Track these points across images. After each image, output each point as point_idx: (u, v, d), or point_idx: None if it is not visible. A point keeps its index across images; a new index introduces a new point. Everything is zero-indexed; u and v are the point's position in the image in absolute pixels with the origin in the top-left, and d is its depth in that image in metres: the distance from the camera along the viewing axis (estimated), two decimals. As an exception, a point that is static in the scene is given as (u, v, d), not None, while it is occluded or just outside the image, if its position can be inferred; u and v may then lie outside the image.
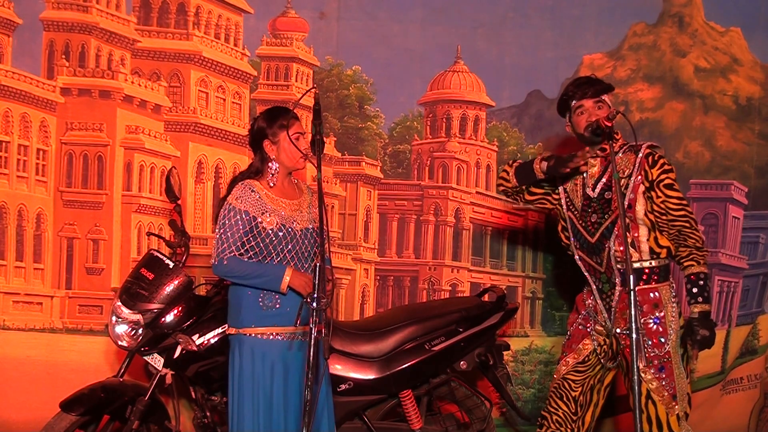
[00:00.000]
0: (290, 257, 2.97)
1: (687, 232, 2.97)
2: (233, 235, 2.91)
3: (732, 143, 4.66)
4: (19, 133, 4.13)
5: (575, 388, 3.13)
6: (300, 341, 2.97)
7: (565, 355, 3.18)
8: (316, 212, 3.03)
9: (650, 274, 3.00)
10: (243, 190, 2.96)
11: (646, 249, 3.00)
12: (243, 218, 2.92)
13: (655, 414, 2.95)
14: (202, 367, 3.24)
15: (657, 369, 2.94)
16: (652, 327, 2.97)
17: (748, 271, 4.70)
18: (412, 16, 4.39)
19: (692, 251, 2.97)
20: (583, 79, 3.10)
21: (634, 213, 2.99)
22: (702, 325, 2.90)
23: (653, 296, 3.00)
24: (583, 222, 3.10)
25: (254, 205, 2.95)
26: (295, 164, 3.02)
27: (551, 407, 3.16)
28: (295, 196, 3.05)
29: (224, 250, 2.91)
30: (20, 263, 4.11)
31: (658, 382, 2.95)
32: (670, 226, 2.98)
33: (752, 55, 4.67)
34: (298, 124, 2.99)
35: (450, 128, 4.55)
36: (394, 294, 4.47)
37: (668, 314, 2.99)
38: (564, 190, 3.20)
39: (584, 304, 3.18)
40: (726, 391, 4.62)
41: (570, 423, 3.13)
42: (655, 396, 2.95)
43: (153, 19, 4.30)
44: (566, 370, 3.15)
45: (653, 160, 3.00)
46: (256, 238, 2.93)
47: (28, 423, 3.89)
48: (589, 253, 3.08)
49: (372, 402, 3.48)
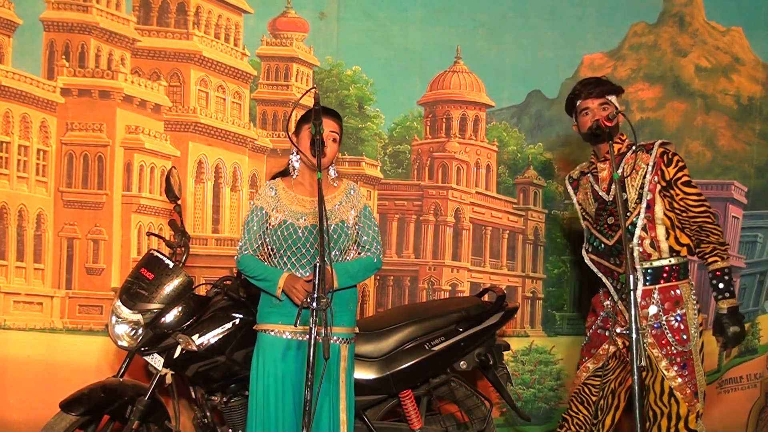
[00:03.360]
0: (291, 253, 2.98)
1: (709, 228, 2.98)
2: (250, 230, 3.06)
3: (733, 143, 4.65)
4: (19, 133, 4.13)
5: (595, 393, 3.13)
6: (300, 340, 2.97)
7: (585, 360, 3.18)
8: (346, 210, 3.06)
9: (670, 272, 3.01)
10: (264, 188, 3.12)
11: (665, 248, 3.01)
12: (258, 214, 3.05)
13: (676, 411, 2.96)
14: (202, 367, 3.25)
15: (680, 366, 2.95)
16: (674, 324, 2.98)
17: (746, 270, 4.70)
18: (412, 16, 4.39)
19: (716, 247, 2.98)
20: (592, 79, 3.10)
21: (653, 213, 3.00)
22: (732, 321, 2.92)
23: (674, 294, 3.00)
24: (597, 226, 3.10)
25: (269, 201, 3.06)
26: (309, 157, 3.00)
27: (572, 411, 3.17)
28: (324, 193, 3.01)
29: (242, 247, 3.07)
30: (21, 263, 4.11)
31: (681, 379, 2.96)
32: (691, 222, 2.99)
33: (754, 55, 4.67)
34: (326, 122, 2.97)
35: (450, 128, 4.54)
36: (394, 294, 4.47)
37: (689, 311, 2.99)
38: (578, 203, 3.22)
39: (602, 305, 3.18)
40: (723, 389, 4.62)
41: (589, 426, 3.14)
42: (678, 393, 2.95)
43: (153, 19, 4.30)
44: (586, 375, 3.15)
45: (668, 159, 3.01)
46: (267, 234, 3.04)
47: (28, 423, 3.89)
48: (606, 256, 3.08)
49: (372, 402, 3.48)
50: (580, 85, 3.10)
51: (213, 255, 4.26)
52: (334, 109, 3.35)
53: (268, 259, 3.06)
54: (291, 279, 2.94)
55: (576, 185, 3.25)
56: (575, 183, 3.25)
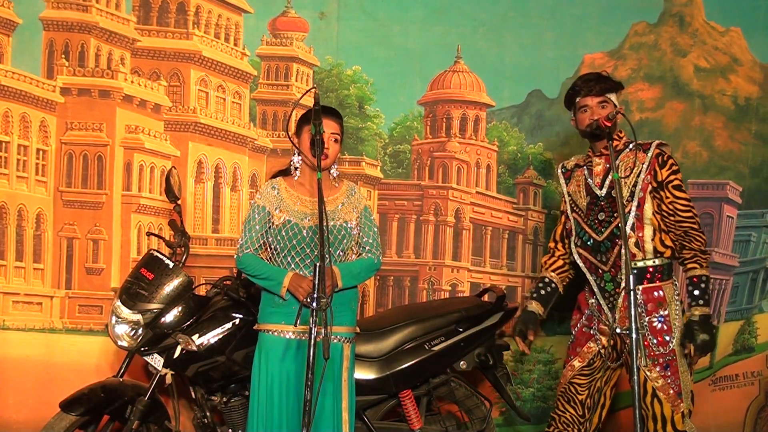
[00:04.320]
0: (294, 253, 2.98)
1: (693, 234, 2.97)
2: (251, 230, 3.02)
3: (729, 143, 4.66)
4: (18, 133, 4.12)
5: (581, 392, 3.14)
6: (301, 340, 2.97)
7: (571, 358, 3.18)
8: (348, 211, 3.06)
9: (654, 273, 3.01)
10: (266, 186, 3.09)
11: (650, 248, 3.01)
12: (260, 213, 3.02)
13: (660, 412, 2.96)
14: (202, 367, 3.25)
15: (662, 367, 2.95)
16: (656, 325, 2.98)
17: (739, 268, 4.72)
18: (412, 16, 4.38)
19: (697, 254, 2.97)
20: (592, 76, 3.09)
21: (642, 212, 3.00)
22: (702, 328, 2.90)
23: (657, 295, 3.00)
24: (588, 220, 3.09)
25: (271, 201, 3.04)
26: (311, 158, 2.99)
27: (559, 410, 3.17)
28: (327, 194, 3.02)
29: (242, 246, 3.03)
30: (20, 263, 4.11)
31: (663, 380, 2.96)
32: (677, 227, 2.99)
33: (751, 55, 4.68)
34: (327, 123, 2.96)
35: (450, 128, 4.54)
36: (394, 294, 4.47)
37: (672, 312, 2.99)
38: (568, 194, 3.20)
39: (587, 302, 3.18)
40: (718, 386, 4.63)
41: (577, 425, 3.14)
42: (661, 394, 2.95)
43: (153, 19, 4.29)
44: (572, 374, 3.15)
45: (663, 161, 3.00)
46: (269, 233, 3.02)
47: (28, 423, 3.89)
48: (593, 252, 3.08)
49: (372, 402, 3.48)
50: (580, 81, 3.09)
51: (213, 255, 4.26)
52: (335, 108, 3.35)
53: (271, 259, 3.05)
54: (297, 278, 2.94)
55: (569, 176, 3.23)
56: (568, 173, 3.24)
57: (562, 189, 3.23)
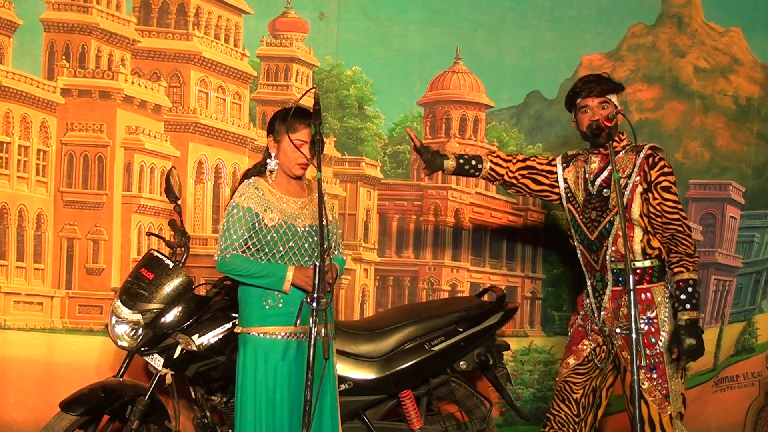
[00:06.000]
0: (291, 254, 2.97)
1: (680, 238, 2.96)
2: (236, 232, 2.92)
3: (731, 143, 4.66)
4: (19, 133, 4.13)
5: (576, 391, 3.14)
6: (300, 340, 2.97)
7: (566, 357, 3.19)
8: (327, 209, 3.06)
9: (642, 275, 3.00)
10: (247, 187, 2.99)
11: (638, 250, 3.00)
12: (246, 215, 2.93)
13: (647, 414, 2.95)
14: (202, 367, 3.25)
15: (648, 369, 2.94)
16: (643, 328, 2.96)
17: (742, 269, 4.71)
18: (412, 17, 4.39)
19: (683, 257, 2.95)
20: (592, 77, 3.09)
21: (629, 213, 2.99)
22: (689, 333, 2.88)
23: (645, 297, 2.99)
24: (583, 217, 3.10)
25: (257, 202, 2.96)
26: (290, 169, 3.02)
27: (554, 409, 3.18)
28: (301, 195, 3.05)
29: (227, 247, 2.92)
30: (21, 263, 4.11)
31: (649, 382, 2.95)
32: (664, 228, 2.98)
33: (752, 55, 4.68)
34: (306, 132, 2.95)
35: (449, 129, 4.55)
36: (393, 294, 4.47)
37: (661, 315, 2.98)
38: (565, 180, 3.20)
39: (583, 303, 3.19)
40: (719, 388, 4.63)
41: (572, 425, 3.14)
42: (647, 396, 2.95)
43: (153, 20, 4.30)
44: (567, 372, 3.15)
45: (653, 162, 3.00)
46: (258, 235, 2.94)
47: (28, 423, 3.89)
48: (588, 250, 3.09)
49: (372, 402, 3.49)
50: (581, 83, 3.09)
51: (213, 255, 4.26)
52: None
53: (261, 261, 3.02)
54: (302, 270, 2.92)
55: (568, 160, 3.23)
56: (567, 158, 3.24)
57: (558, 173, 3.22)
